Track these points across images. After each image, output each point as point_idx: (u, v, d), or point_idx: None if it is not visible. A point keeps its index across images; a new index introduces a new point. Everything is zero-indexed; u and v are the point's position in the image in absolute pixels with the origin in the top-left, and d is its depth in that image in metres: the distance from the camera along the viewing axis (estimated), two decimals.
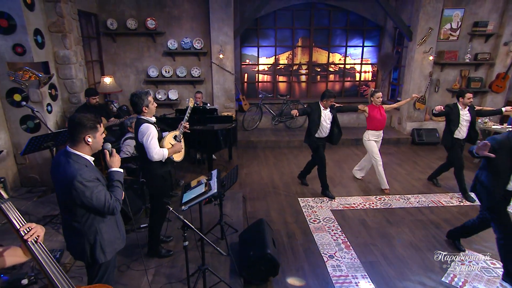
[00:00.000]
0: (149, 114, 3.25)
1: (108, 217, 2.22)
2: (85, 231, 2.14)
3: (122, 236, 2.38)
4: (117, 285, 3.17)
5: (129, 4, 7.25)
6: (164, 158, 3.23)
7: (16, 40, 4.62)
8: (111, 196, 2.13)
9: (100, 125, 2.18)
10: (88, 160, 2.16)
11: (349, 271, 3.61)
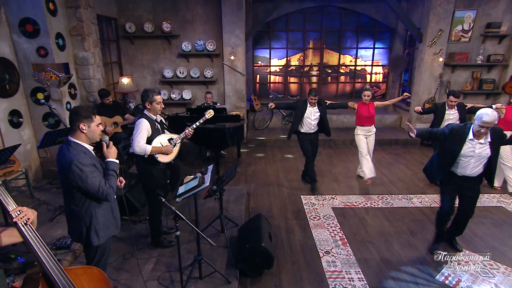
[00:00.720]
0: (152, 111, 3.36)
1: (103, 203, 2.37)
2: (82, 214, 2.31)
3: (116, 223, 2.52)
4: (121, 271, 3.33)
5: (146, 9, 7.46)
6: (146, 154, 3.25)
7: (40, 43, 4.89)
8: (106, 183, 2.27)
9: (95, 116, 2.32)
10: (86, 147, 2.32)
11: (343, 267, 3.62)
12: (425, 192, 5.39)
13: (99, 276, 1.84)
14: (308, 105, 5.12)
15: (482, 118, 3.05)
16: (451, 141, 3.35)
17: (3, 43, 4.78)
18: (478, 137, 3.22)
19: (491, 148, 3.26)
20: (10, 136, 4.79)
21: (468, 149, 3.27)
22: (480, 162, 3.33)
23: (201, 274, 3.18)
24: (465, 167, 3.36)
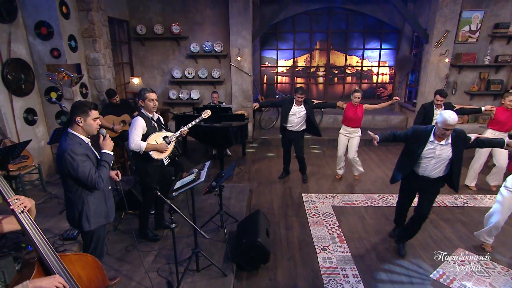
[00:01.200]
0: (145, 109, 3.44)
1: (95, 192, 2.49)
2: (75, 201, 2.45)
3: (110, 212, 2.63)
4: (123, 263, 3.43)
5: (156, 11, 7.60)
6: (141, 151, 3.33)
7: (53, 44, 5.07)
8: (96, 172, 2.38)
9: (91, 111, 2.44)
10: (82, 139, 2.45)
11: (338, 263, 3.64)
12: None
13: (93, 263, 1.93)
14: (294, 103, 5.17)
15: (447, 121, 3.01)
16: (413, 143, 3.36)
17: (20, 45, 4.97)
18: (439, 139, 3.22)
19: (452, 149, 3.22)
20: (25, 133, 4.98)
21: (428, 150, 3.27)
22: (441, 164, 3.29)
23: (198, 266, 3.25)
24: (425, 167, 3.35)
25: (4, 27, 4.69)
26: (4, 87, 4.67)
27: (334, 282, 3.33)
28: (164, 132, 3.61)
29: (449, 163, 3.29)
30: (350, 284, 3.30)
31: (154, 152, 3.45)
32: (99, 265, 1.97)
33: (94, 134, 2.52)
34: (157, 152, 3.49)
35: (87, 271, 1.88)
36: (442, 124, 3.07)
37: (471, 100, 7.92)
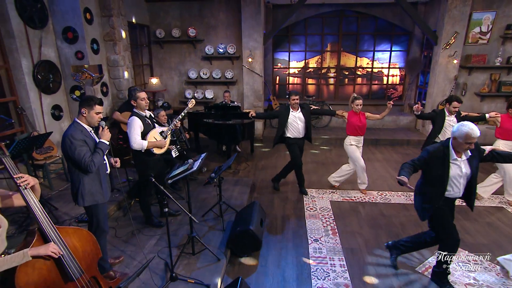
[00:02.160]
0: (138, 108, 3.59)
1: (91, 174, 2.73)
2: (73, 179, 2.73)
3: (104, 193, 2.87)
4: (128, 245, 3.67)
5: (174, 16, 7.90)
6: (143, 149, 3.50)
7: (78, 48, 5.42)
8: (90, 156, 2.62)
9: (95, 106, 2.68)
10: (84, 127, 2.72)
11: (328, 254, 3.71)
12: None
13: (87, 237, 2.15)
14: (291, 110, 4.90)
15: (471, 135, 2.64)
16: (435, 166, 2.88)
17: (50, 49, 5.36)
18: (458, 154, 2.83)
19: (469, 164, 2.87)
20: (52, 127, 5.36)
21: (455, 170, 2.85)
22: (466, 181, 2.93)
23: (194, 250, 3.43)
24: (459, 189, 2.93)
25: (36, 33, 5.07)
26: (34, 86, 5.06)
27: (321, 271, 3.41)
28: (158, 128, 3.77)
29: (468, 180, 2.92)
30: (336, 273, 3.38)
31: (155, 148, 3.63)
32: (93, 239, 2.19)
33: (95, 126, 2.75)
34: (158, 148, 3.66)
35: (82, 243, 2.09)
36: (464, 139, 2.68)
37: (482, 101, 7.68)
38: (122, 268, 3.27)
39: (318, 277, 3.32)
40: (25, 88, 4.94)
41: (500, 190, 4.99)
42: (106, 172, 2.92)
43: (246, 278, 3.28)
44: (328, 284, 3.22)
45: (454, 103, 4.50)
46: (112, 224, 4.10)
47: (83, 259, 2.05)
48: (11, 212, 3.87)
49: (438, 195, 2.93)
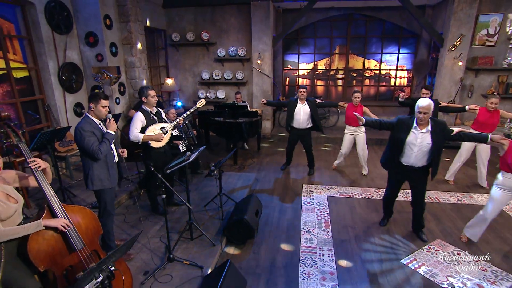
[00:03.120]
0: (147, 104, 3.86)
1: (99, 161, 2.99)
2: (84, 165, 3.02)
3: (112, 179, 3.14)
4: (134, 229, 3.95)
5: (189, 21, 8.20)
6: (139, 141, 3.73)
7: (98, 51, 5.79)
8: (97, 145, 2.89)
9: (101, 100, 2.95)
10: (93, 120, 3.00)
11: (318, 244, 3.84)
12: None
13: (90, 215, 2.40)
14: (299, 102, 5.33)
15: (419, 104, 3.21)
16: (398, 131, 3.44)
17: (74, 52, 5.76)
18: (420, 126, 3.32)
19: (432, 138, 3.30)
20: (74, 123, 5.74)
21: (412, 137, 3.37)
22: (423, 152, 3.38)
23: (192, 236, 3.66)
24: (409, 155, 3.44)
25: (62, 38, 5.48)
26: (59, 85, 5.46)
27: (310, 259, 3.56)
28: (162, 123, 3.99)
29: (430, 152, 3.36)
30: (324, 262, 3.51)
31: (152, 142, 3.83)
32: (95, 217, 2.44)
33: (103, 118, 3.03)
34: (155, 142, 3.85)
35: (85, 221, 2.35)
36: (417, 108, 3.24)
37: None
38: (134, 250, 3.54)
39: (305, 265, 3.46)
40: (51, 87, 5.34)
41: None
42: (114, 160, 3.19)
43: (238, 263, 3.47)
44: (314, 271, 3.36)
45: (423, 90, 4.94)
46: (122, 211, 4.41)
47: (85, 234, 2.31)
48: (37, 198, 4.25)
49: (395, 155, 3.54)
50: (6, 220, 2.03)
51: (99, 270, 1.85)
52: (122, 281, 2.29)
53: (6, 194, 2.08)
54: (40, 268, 2.08)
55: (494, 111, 4.60)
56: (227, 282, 2.72)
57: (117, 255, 1.99)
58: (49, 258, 2.12)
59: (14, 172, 2.23)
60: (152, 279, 3.06)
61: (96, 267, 1.81)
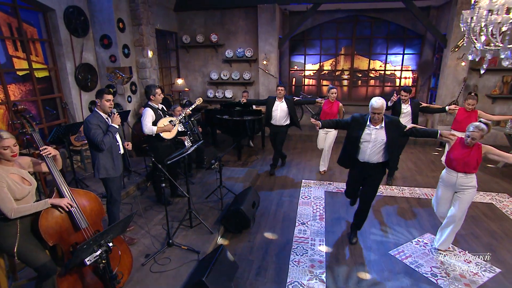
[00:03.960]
0: (154, 102, 4.12)
1: (104, 152, 3.22)
2: (92, 156, 3.27)
3: (116, 168, 3.36)
4: (140, 218, 4.17)
5: (199, 24, 8.45)
6: (153, 133, 4.00)
7: (111, 52, 6.10)
8: (101, 137, 3.13)
9: (105, 95, 3.19)
10: (100, 114, 3.24)
11: (311, 235, 3.97)
12: (419, 186, 5.32)
13: (94, 199, 2.64)
14: (277, 100, 5.44)
15: (372, 105, 3.21)
16: (354, 128, 3.45)
17: (89, 53, 6.09)
18: (374, 124, 3.33)
19: (386, 134, 3.29)
20: None
21: (366, 134, 3.36)
22: (377, 148, 3.34)
23: (192, 224, 3.87)
24: (364, 151, 3.41)
25: (79, 40, 5.81)
26: (76, 85, 5.80)
27: (301, 248, 3.70)
28: (168, 117, 4.26)
29: (386, 148, 3.34)
30: (314, 251, 3.65)
31: (164, 133, 4.13)
32: (99, 201, 2.67)
33: (109, 112, 3.27)
34: (166, 133, 4.15)
35: (90, 203, 2.59)
36: (370, 109, 3.26)
37: (493, 103, 7.43)
38: (132, 234, 3.79)
39: (296, 253, 3.61)
40: (68, 86, 5.68)
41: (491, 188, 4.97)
42: (119, 152, 3.43)
43: (233, 250, 3.65)
44: (304, 259, 3.50)
45: (402, 92, 4.98)
46: (130, 200, 4.67)
47: (89, 215, 2.54)
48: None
49: (351, 152, 3.54)
50: (20, 200, 2.28)
51: (97, 243, 2.07)
52: (119, 257, 2.51)
53: (22, 177, 2.34)
54: (49, 243, 2.33)
55: (472, 111, 4.66)
56: (219, 265, 2.91)
57: (114, 231, 2.21)
58: (57, 234, 2.36)
59: (29, 159, 2.49)
60: (152, 261, 3.28)
61: (95, 240, 2.03)
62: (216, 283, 2.73)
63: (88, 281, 2.50)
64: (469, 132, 3.10)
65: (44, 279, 2.31)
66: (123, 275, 2.50)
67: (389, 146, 3.33)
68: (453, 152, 3.25)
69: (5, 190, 2.17)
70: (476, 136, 3.06)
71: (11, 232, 2.25)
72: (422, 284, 3.09)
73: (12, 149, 2.24)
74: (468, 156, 3.14)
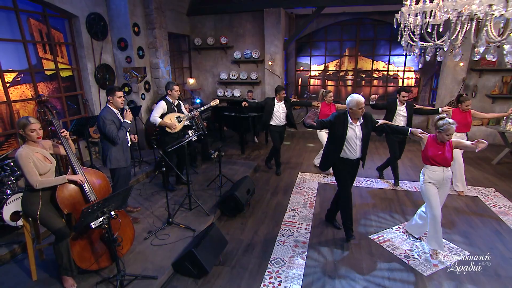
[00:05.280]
0: (171, 96, 4.51)
1: (116, 146, 3.59)
2: (104, 148, 3.63)
3: (126, 159, 3.73)
4: (146, 201, 4.60)
5: (210, 27, 8.87)
6: (156, 124, 4.39)
7: (127, 53, 6.59)
8: (116, 133, 3.50)
9: (116, 92, 3.56)
10: (112, 110, 3.60)
11: (299, 220, 4.25)
12: (412, 179, 5.47)
13: (103, 177, 3.04)
14: (276, 101, 5.50)
15: (359, 100, 3.20)
16: (338, 128, 3.38)
17: (108, 55, 6.60)
18: (355, 120, 3.35)
19: (362, 129, 3.37)
20: None
21: (350, 132, 3.36)
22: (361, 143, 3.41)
23: (191, 206, 4.25)
24: (354, 149, 3.42)
25: (99, 43, 6.33)
26: (95, 83, 6.32)
27: (288, 230, 3.99)
28: (179, 114, 4.64)
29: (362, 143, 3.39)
30: (300, 233, 3.93)
31: (167, 127, 4.49)
32: (106, 179, 3.08)
33: (121, 108, 3.67)
34: (169, 128, 4.50)
35: (98, 180, 2.99)
36: (355, 105, 3.21)
37: (493, 103, 7.43)
38: (137, 215, 4.20)
39: (283, 235, 3.91)
40: (88, 84, 6.21)
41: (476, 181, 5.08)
42: (127, 144, 3.82)
43: (226, 230, 3.99)
44: (289, 240, 3.79)
45: (402, 93, 4.89)
46: (139, 186, 5.11)
47: (98, 190, 2.95)
48: None
49: (336, 152, 3.47)
50: (43, 175, 2.71)
51: (100, 210, 2.46)
52: (119, 224, 2.90)
53: (44, 156, 2.77)
54: (64, 211, 2.75)
55: (467, 111, 4.65)
56: (209, 239, 3.26)
57: (114, 200, 2.58)
58: (71, 205, 2.78)
59: (50, 142, 2.93)
60: (153, 237, 3.67)
61: (98, 206, 2.42)
62: (204, 254, 3.09)
63: (96, 246, 2.91)
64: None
65: (59, 240, 2.73)
66: (122, 239, 2.89)
67: (364, 140, 3.40)
68: (430, 150, 3.28)
69: (31, 165, 2.60)
70: (453, 132, 3.15)
71: (35, 201, 2.69)
72: (394, 263, 3.32)
73: (38, 132, 2.67)
74: (444, 152, 3.23)
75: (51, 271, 3.06)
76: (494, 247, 3.56)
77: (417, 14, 2.61)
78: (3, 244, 3.35)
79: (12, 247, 3.33)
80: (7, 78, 4.92)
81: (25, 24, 5.20)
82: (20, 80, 5.18)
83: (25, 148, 2.64)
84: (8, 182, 3.61)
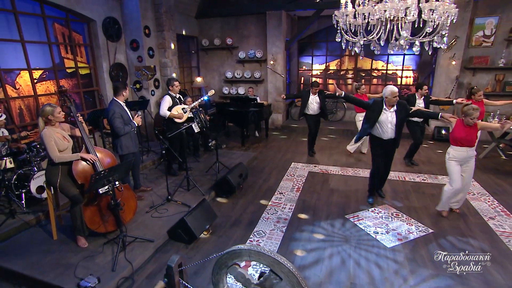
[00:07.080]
0: (173, 91, 5.08)
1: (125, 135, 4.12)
2: (114, 136, 4.16)
3: (134, 146, 4.27)
4: (151, 183, 5.17)
5: (216, 29, 9.44)
6: (166, 116, 4.95)
7: (138, 53, 7.23)
8: (123, 127, 4.02)
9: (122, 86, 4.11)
10: (120, 103, 4.13)
11: (285, 201, 4.70)
12: (399, 170, 5.79)
13: (111, 155, 3.60)
14: (311, 94, 6.26)
15: (393, 90, 3.93)
16: (373, 111, 4.11)
17: (122, 55, 7.26)
18: (389, 107, 4.04)
19: (396, 116, 4.03)
20: None
21: (383, 116, 4.05)
22: (394, 127, 4.07)
23: (189, 187, 4.78)
24: (386, 131, 4.12)
25: (113, 44, 6.99)
26: (109, 80, 6.98)
27: (273, 210, 4.46)
28: (182, 105, 5.21)
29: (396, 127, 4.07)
30: (283, 212, 4.38)
31: (175, 118, 5.06)
32: (114, 157, 3.65)
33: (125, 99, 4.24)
34: (178, 118, 5.08)
35: (109, 160, 3.56)
36: (392, 94, 3.93)
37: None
38: (143, 194, 4.77)
39: (268, 213, 4.37)
40: (104, 81, 6.88)
41: None
42: (135, 132, 4.35)
43: (218, 208, 4.50)
44: (273, 217, 4.26)
45: (425, 87, 5.45)
46: (147, 171, 5.70)
47: (106, 167, 3.52)
48: None
49: (367, 128, 4.27)
50: (62, 151, 3.30)
51: (106, 178, 3.02)
52: (121, 193, 3.46)
53: (63, 136, 3.36)
54: (78, 182, 3.32)
55: (480, 101, 5.13)
56: (199, 211, 3.78)
57: (118, 170, 3.13)
58: (83, 176, 3.35)
59: (68, 125, 3.52)
60: (154, 211, 4.22)
61: (105, 174, 2.98)
62: (194, 222, 3.61)
63: (104, 213, 3.48)
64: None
65: (74, 205, 3.31)
66: (124, 203, 3.45)
67: (398, 126, 4.06)
68: (458, 132, 3.75)
69: (53, 142, 3.19)
70: (476, 116, 3.62)
71: (56, 172, 3.27)
72: (363, 238, 3.73)
73: (62, 113, 3.27)
74: (470, 134, 3.71)
75: (68, 234, 3.66)
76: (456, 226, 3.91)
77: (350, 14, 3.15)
78: (30, 212, 3.99)
79: (37, 214, 3.97)
80: (34, 75, 5.63)
81: (51, 28, 5.90)
82: (45, 77, 5.88)
83: (48, 129, 3.23)
84: (34, 161, 4.26)
